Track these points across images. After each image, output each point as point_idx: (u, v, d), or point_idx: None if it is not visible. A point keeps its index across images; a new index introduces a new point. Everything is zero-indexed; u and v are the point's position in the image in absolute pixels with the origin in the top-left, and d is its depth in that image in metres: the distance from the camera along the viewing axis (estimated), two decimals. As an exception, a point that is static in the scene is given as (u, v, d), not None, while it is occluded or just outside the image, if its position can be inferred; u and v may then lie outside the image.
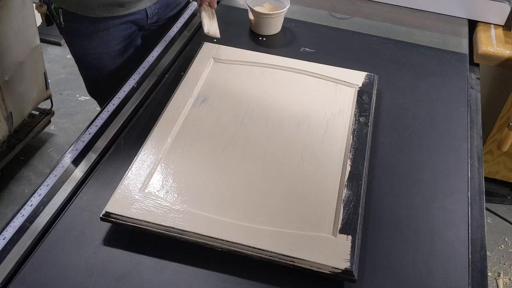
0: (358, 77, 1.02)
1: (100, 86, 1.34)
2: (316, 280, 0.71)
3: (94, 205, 0.79)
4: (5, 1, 1.52)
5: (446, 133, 0.97)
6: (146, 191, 0.78)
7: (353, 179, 0.81)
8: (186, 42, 1.19)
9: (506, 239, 1.76)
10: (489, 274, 1.65)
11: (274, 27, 1.20)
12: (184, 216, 0.74)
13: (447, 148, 0.94)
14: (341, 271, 0.69)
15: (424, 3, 1.34)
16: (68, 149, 0.89)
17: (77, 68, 1.35)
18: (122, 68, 1.28)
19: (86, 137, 0.92)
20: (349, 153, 0.85)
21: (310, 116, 0.93)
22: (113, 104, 1.00)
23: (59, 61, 2.40)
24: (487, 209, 1.75)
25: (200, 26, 1.24)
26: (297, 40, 1.20)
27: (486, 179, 1.46)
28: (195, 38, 1.20)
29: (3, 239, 0.75)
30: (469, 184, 0.88)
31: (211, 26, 1.12)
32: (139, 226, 0.73)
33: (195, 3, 1.33)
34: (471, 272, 0.75)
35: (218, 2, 1.33)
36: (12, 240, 0.75)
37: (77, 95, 2.24)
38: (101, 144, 0.91)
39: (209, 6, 1.16)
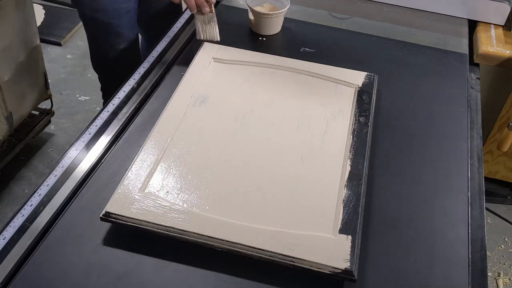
0: (358, 77, 1.02)
1: (106, 53, 1.36)
2: (316, 280, 0.71)
3: (94, 205, 0.79)
4: (5, 1, 1.52)
5: (446, 133, 0.97)
6: (146, 191, 0.78)
7: (353, 179, 0.81)
8: (186, 42, 1.19)
9: (506, 239, 1.76)
10: (489, 274, 1.65)
11: (274, 27, 1.20)
12: (184, 216, 0.74)
13: (447, 148, 0.94)
14: (341, 271, 0.69)
15: (424, 3, 1.34)
16: (68, 149, 0.90)
17: (77, 68, 1.37)
18: (128, 32, 1.33)
19: (86, 137, 0.92)
20: (349, 153, 0.85)
21: (310, 116, 0.93)
22: (113, 104, 1.00)
23: (59, 61, 2.40)
24: (487, 209, 1.75)
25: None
26: (297, 40, 1.20)
27: (486, 179, 1.46)
28: (195, 38, 1.19)
29: (3, 239, 0.75)
30: (469, 184, 0.88)
31: (206, 31, 1.10)
32: (139, 226, 0.73)
33: None
34: (471, 272, 0.75)
35: (218, 3, 1.33)
36: (12, 240, 0.75)
37: (77, 95, 2.24)
38: (101, 144, 0.91)
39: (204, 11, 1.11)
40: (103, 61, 1.44)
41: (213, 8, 1.10)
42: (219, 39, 1.09)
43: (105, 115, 0.97)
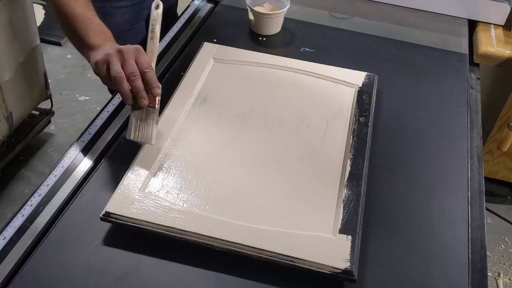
0: (358, 77, 1.02)
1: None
2: (316, 280, 0.71)
3: (94, 205, 0.79)
4: (5, 1, 1.52)
5: (446, 133, 0.97)
6: (146, 191, 0.78)
7: (353, 179, 0.81)
8: (186, 42, 1.19)
9: (506, 239, 1.76)
10: (489, 274, 1.65)
11: (274, 27, 1.20)
12: (184, 216, 0.74)
13: (447, 148, 0.94)
14: (341, 271, 0.69)
15: (424, 3, 1.34)
16: (68, 149, 0.89)
17: (77, 68, 1.36)
18: (125, 31, 1.29)
19: (86, 137, 0.92)
20: (349, 153, 0.85)
21: (310, 116, 0.93)
22: (113, 104, 1.00)
23: (59, 61, 2.40)
24: (487, 209, 1.75)
25: (200, 26, 1.24)
26: (297, 40, 1.20)
27: (486, 179, 1.46)
28: (195, 38, 1.20)
29: (3, 239, 0.75)
30: (469, 184, 0.88)
31: (139, 129, 0.84)
32: (139, 226, 0.73)
33: (196, 2, 1.33)
34: (471, 272, 0.75)
35: (217, 3, 1.33)
36: (12, 240, 0.75)
37: (77, 95, 2.24)
38: (101, 144, 0.91)
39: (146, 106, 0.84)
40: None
41: (156, 102, 0.84)
42: (153, 143, 0.83)
43: (105, 115, 0.97)
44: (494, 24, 1.31)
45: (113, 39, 0.91)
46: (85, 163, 0.87)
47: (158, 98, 0.84)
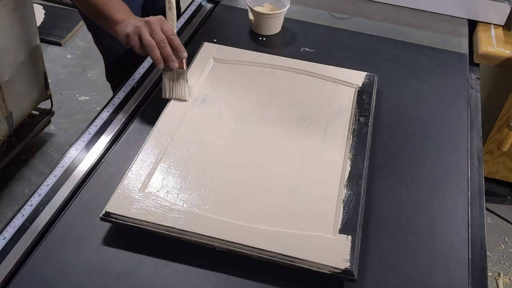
0: (358, 77, 1.02)
1: (119, 63, 1.33)
2: (316, 280, 0.71)
3: (94, 205, 0.79)
4: (5, 1, 1.52)
5: (446, 133, 0.97)
6: (146, 191, 0.78)
7: (353, 179, 0.81)
8: (186, 42, 1.19)
9: (506, 239, 1.76)
10: (489, 274, 1.65)
11: (274, 27, 1.20)
12: (184, 216, 0.74)
13: (447, 148, 0.94)
14: (341, 271, 0.69)
15: (424, 3, 1.34)
16: (68, 149, 0.90)
17: (77, 68, 1.36)
18: None
19: (86, 137, 0.92)
20: (349, 153, 0.85)
21: (310, 116, 0.93)
22: (113, 104, 1.00)
23: (59, 61, 2.40)
24: (487, 209, 1.75)
25: (200, 26, 1.24)
26: (297, 40, 1.20)
27: (486, 179, 1.46)
28: (195, 38, 1.20)
29: (3, 239, 0.75)
30: (469, 184, 0.88)
31: (172, 88, 0.94)
32: (139, 226, 0.73)
33: (196, 2, 1.33)
34: (471, 271, 0.75)
35: (217, 3, 1.33)
36: (12, 240, 0.75)
37: (77, 95, 2.24)
38: (101, 144, 0.91)
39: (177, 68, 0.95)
40: (118, 70, 1.40)
41: (184, 63, 0.95)
42: (187, 99, 0.94)
43: (105, 115, 0.97)
44: (494, 24, 1.31)
45: (132, 13, 0.99)
46: (85, 163, 0.87)
47: (185, 60, 0.95)
